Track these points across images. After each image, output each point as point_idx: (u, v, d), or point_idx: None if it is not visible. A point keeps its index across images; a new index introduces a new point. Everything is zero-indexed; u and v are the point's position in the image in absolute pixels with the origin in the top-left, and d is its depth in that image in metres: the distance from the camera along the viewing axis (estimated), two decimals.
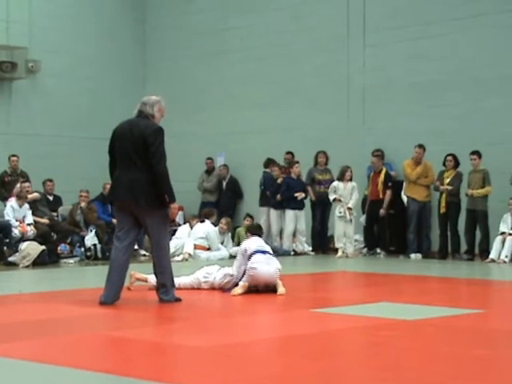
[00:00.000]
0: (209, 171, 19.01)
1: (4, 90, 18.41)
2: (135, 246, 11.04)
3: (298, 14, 18.21)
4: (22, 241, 13.97)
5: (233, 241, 16.15)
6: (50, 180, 16.62)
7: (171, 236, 14.49)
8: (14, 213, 14.35)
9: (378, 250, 15.96)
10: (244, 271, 9.20)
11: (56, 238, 14.89)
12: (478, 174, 14.83)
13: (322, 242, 16.59)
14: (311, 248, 16.56)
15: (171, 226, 14.51)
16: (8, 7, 18.34)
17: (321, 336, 6.64)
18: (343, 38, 17.46)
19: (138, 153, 8.05)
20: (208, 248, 14.93)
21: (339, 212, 15.62)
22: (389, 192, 15.85)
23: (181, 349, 6.02)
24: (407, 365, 5.38)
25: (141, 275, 9.48)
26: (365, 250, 16.18)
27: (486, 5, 15.72)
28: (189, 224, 15.61)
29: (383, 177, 15.88)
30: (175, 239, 14.90)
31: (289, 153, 17.35)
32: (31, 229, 14.36)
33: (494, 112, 15.45)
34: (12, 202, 14.48)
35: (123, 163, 8.17)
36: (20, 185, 15.16)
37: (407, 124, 16.39)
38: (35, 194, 15.68)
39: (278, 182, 16.41)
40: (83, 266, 14.15)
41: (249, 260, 9.15)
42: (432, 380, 4.94)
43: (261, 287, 9.22)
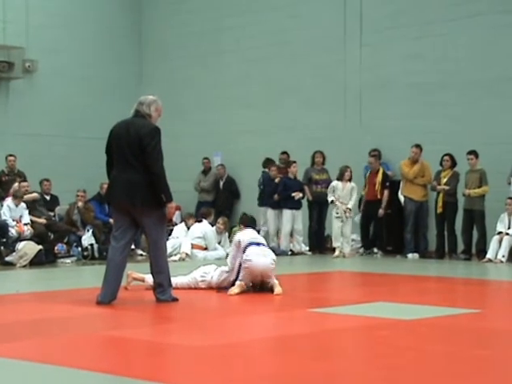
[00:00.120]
0: (205, 171, 19.01)
1: (1, 90, 18.40)
2: (132, 246, 11.04)
3: (295, 14, 18.22)
4: (19, 240, 13.96)
5: (230, 241, 16.13)
6: (47, 180, 16.63)
7: (168, 236, 14.50)
8: (11, 212, 14.34)
9: (375, 250, 15.98)
10: (239, 265, 9.19)
11: (53, 238, 14.88)
12: (475, 174, 14.84)
13: (319, 242, 16.61)
14: (308, 248, 16.58)
15: (168, 226, 14.51)
16: (4, 7, 18.33)
17: (318, 336, 6.64)
18: (340, 38, 17.47)
19: (135, 153, 8.04)
20: (205, 248, 14.95)
21: (336, 212, 15.62)
22: (386, 192, 15.87)
23: (178, 348, 6.02)
24: (404, 364, 5.38)
25: (138, 275, 9.48)
26: (361, 250, 16.21)
27: (483, 5, 15.74)
28: (184, 223, 15.61)
29: (381, 177, 15.88)
30: (172, 239, 14.91)
31: (284, 153, 17.35)
32: (28, 228, 14.35)
33: (491, 112, 15.47)
34: (8, 202, 14.47)
35: (120, 163, 8.15)
36: (18, 184, 15.15)
37: (404, 124, 16.40)
38: (34, 194, 15.67)
39: (276, 182, 16.44)
40: (80, 266, 14.14)
41: (243, 253, 9.15)
42: (429, 380, 4.94)
43: (258, 280, 9.22)
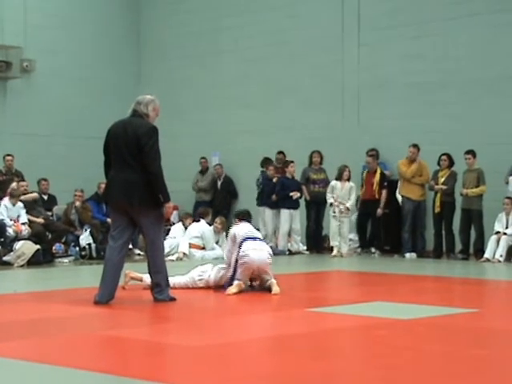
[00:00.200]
0: (203, 171, 19.01)
1: None
2: (130, 246, 11.03)
3: (293, 14, 18.22)
4: (17, 240, 13.95)
5: (227, 240, 16.13)
6: (45, 179, 16.61)
7: (165, 235, 14.49)
8: (8, 212, 14.31)
9: (373, 250, 15.98)
10: (236, 261, 9.19)
11: (51, 238, 14.86)
12: (473, 174, 14.85)
13: (317, 242, 16.60)
14: (306, 247, 16.57)
15: (166, 226, 14.51)
16: (2, 6, 18.32)
17: (316, 335, 6.65)
18: (338, 38, 17.46)
19: (133, 152, 8.03)
20: (203, 247, 14.94)
21: (333, 212, 15.62)
22: (385, 192, 15.88)
23: (176, 348, 6.01)
24: (402, 364, 5.38)
25: (136, 274, 9.47)
26: (359, 249, 16.20)
27: (482, 4, 15.74)
28: (182, 223, 15.61)
29: (379, 177, 15.89)
30: (169, 239, 14.91)
31: (280, 152, 17.35)
32: (26, 228, 14.32)
33: (489, 111, 15.47)
34: (5, 202, 14.44)
35: (118, 163, 8.15)
36: (17, 184, 15.14)
37: (402, 123, 16.40)
38: (34, 194, 15.69)
39: (274, 182, 16.44)
40: (78, 266, 14.13)
41: (239, 248, 9.16)
42: (427, 379, 4.94)
43: (255, 275, 9.22)
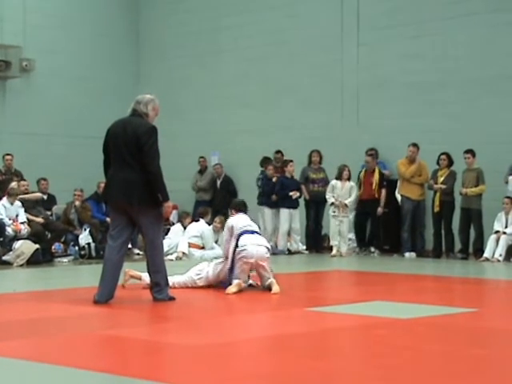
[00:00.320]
0: (202, 170, 19.01)
1: None
2: (129, 245, 11.03)
3: (292, 13, 18.21)
4: (16, 239, 13.94)
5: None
6: (44, 179, 16.62)
7: (164, 235, 14.49)
8: (6, 211, 14.28)
9: (372, 249, 15.99)
10: (234, 252, 9.20)
11: (50, 237, 14.86)
12: (472, 173, 14.85)
13: (316, 241, 16.60)
14: (305, 247, 16.57)
15: (165, 225, 14.49)
16: (2, 6, 18.32)
17: (315, 335, 6.64)
18: (337, 38, 17.46)
19: (132, 152, 8.03)
20: (202, 247, 14.94)
21: (333, 211, 15.61)
22: (384, 191, 15.89)
23: (175, 347, 6.01)
24: (401, 364, 5.37)
25: (135, 273, 9.47)
26: (358, 249, 16.20)
27: (480, 3, 15.75)
28: (180, 222, 15.60)
29: (378, 176, 15.89)
30: (168, 239, 14.89)
31: (278, 152, 17.35)
32: (25, 227, 14.30)
33: (488, 111, 15.47)
34: (3, 201, 14.41)
35: (117, 162, 8.15)
36: (18, 183, 15.13)
37: (401, 123, 16.40)
38: (38, 194, 15.69)
39: (273, 181, 16.43)
40: (77, 265, 14.13)
41: (237, 241, 9.19)
42: (426, 379, 4.94)
43: (253, 268, 9.22)
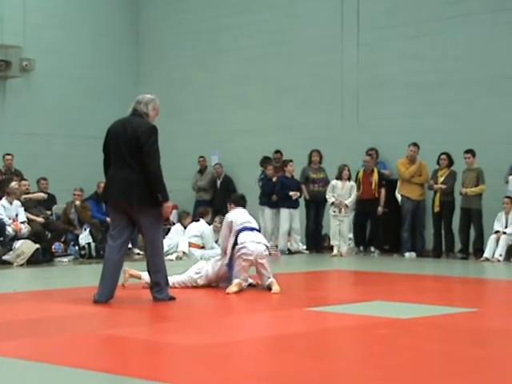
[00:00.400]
0: (201, 170, 19.00)
1: None
2: (129, 245, 11.02)
3: (293, 13, 18.21)
4: (16, 239, 13.93)
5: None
6: (44, 179, 16.62)
7: (164, 235, 14.48)
8: (6, 211, 14.25)
9: (372, 249, 15.99)
10: (233, 247, 9.21)
11: (50, 237, 14.85)
12: (472, 173, 14.84)
13: (317, 241, 16.59)
14: (305, 247, 16.56)
15: (165, 225, 14.49)
16: (2, 6, 18.32)
17: (315, 335, 6.64)
18: (337, 37, 17.46)
19: (132, 152, 8.03)
20: (202, 246, 14.94)
21: (333, 211, 15.61)
22: (383, 190, 15.90)
23: (175, 347, 6.01)
24: (401, 363, 5.37)
25: (135, 272, 9.47)
26: (358, 249, 16.20)
27: (479, 3, 15.74)
28: (181, 223, 15.60)
29: (377, 176, 15.91)
30: (168, 239, 14.89)
31: (277, 151, 17.35)
32: (25, 226, 14.29)
33: (488, 111, 15.47)
34: (2, 201, 14.38)
35: (117, 162, 8.14)
36: (19, 183, 15.12)
37: (401, 123, 16.40)
38: (41, 194, 15.67)
39: (273, 181, 16.42)
40: (77, 265, 14.12)
41: (236, 238, 9.21)
42: (426, 379, 4.94)
43: (253, 264, 9.24)
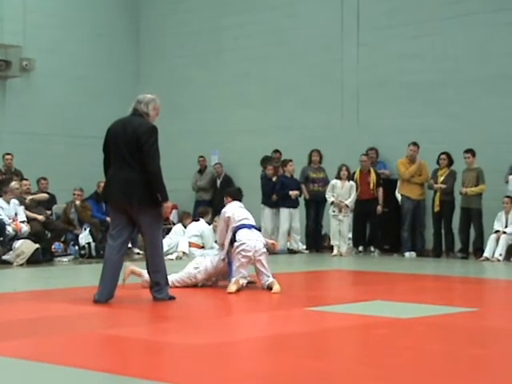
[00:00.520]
0: (201, 170, 18.99)
1: None
2: (129, 245, 11.02)
3: (293, 13, 18.21)
4: (16, 239, 13.93)
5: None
6: (44, 178, 16.62)
7: (165, 235, 14.48)
8: (4, 211, 14.22)
9: (372, 249, 16.00)
10: (231, 245, 9.23)
11: (50, 237, 14.85)
12: (472, 173, 14.84)
13: (316, 241, 16.59)
14: (305, 246, 16.56)
15: (165, 225, 14.49)
16: (2, 6, 18.32)
17: (315, 334, 6.64)
18: (337, 37, 17.46)
19: (132, 151, 8.03)
20: (202, 246, 14.94)
21: (333, 211, 15.62)
22: (381, 190, 15.94)
23: (175, 347, 6.01)
24: (401, 363, 5.37)
25: (136, 269, 9.43)
26: (360, 248, 16.20)
27: (479, 3, 15.75)
28: (181, 223, 15.59)
29: (375, 175, 15.95)
30: (168, 238, 14.89)
31: (276, 151, 17.35)
32: (25, 225, 14.26)
33: (488, 110, 15.48)
34: (0, 200, 14.36)
35: (117, 162, 8.14)
36: (19, 183, 15.11)
37: (401, 123, 16.40)
38: (45, 195, 15.66)
39: (273, 181, 16.41)
40: (77, 265, 14.12)
41: (234, 235, 9.22)
42: (426, 379, 4.93)
43: (252, 261, 9.23)
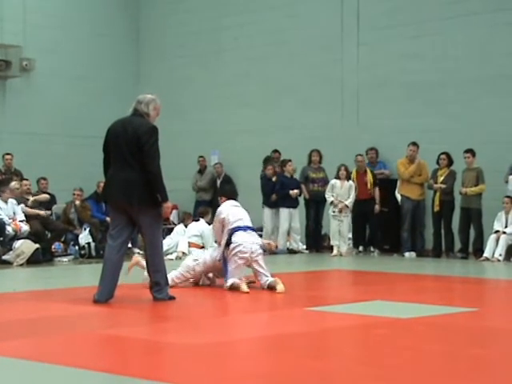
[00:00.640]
0: (201, 170, 18.99)
1: None
2: (129, 245, 11.02)
3: (293, 13, 18.21)
4: (16, 239, 13.92)
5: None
6: (44, 178, 16.61)
7: (166, 235, 14.48)
8: (3, 211, 14.20)
9: (372, 249, 16.01)
10: (226, 247, 9.24)
11: (50, 237, 14.85)
12: (472, 173, 14.84)
13: (316, 241, 16.59)
14: (305, 246, 16.56)
15: (165, 225, 14.49)
16: (2, 6, 18.32)
17: (315, 334, 6.64)
18: (337, 37, 17.46)
19: (132, 151, 8.03)
20: (202, 246, 14.92)
21: (333, 211, 15.62)
22: (377, 189, 15.99)
23: (175, 347, 6.01)
24: (401, 363, 5.37)
25: (143, 263, 9.32)
26: (360, 248, 16.21)
27: (479, 3, 15.75)
28: (183, 223, 15.59)
29: (371, 175, 15.99)
30: (169, 239, 14.89)
31: (276, 151, 17.35)
32: (25, 224, 14.25)
33: (488, 110, 15.48)
34: None
35: (117, 161, 8.14)
36: (20, 183, 15.11)
37: (401, 123, 16.40)
38: (46, 196, 15.67)
39: (273, 181, 16.40)
40: (77, 265, 14.12)
41: (230, 237, 9.22)
42: (426, 379, 4.94)
43: (248, 262, 9.25)
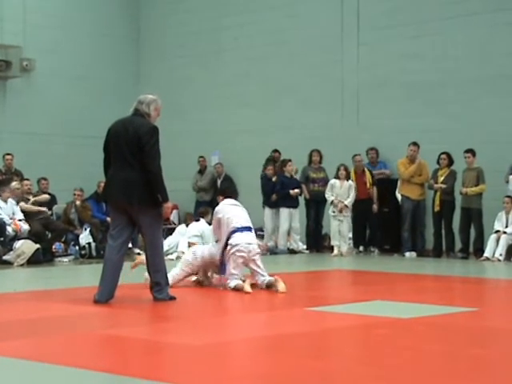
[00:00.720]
0: (201, 170, 18.98)
1: None
2: (129, 245, 11.02)
3: (293, 13, 18.21)
4: (17, 239, 13.93)
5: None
6: (45, 178, 16.61)
7: (166, 235, 14.47)
8: (3, 210, 14.21)
9: (372, 249, 16.01)
10: (225, 247, 9.24)
11: (50, 237, 14.85)
12: (473, 172, 14.85)
13: (317, 241, 16.59)
14: (306, 246, 16.56)
15: (165, 225, 14.48)
16: (2, 6, 18.31)
17: (315, 334, 6.64)
18: (337, 37, 17.46)
19: (133, 151, 8.03)
20: None
21: (333, 211, 15.62)
22: (375, 189, 16.05)
23: (175, 347, 6.01)
24: (401, 363, 5.37)
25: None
26: (360, 248, 16.21)
27: (479, 3, 15.75)
28: (185, 224, 15.59)
29: (370, 175, 16.03)
30: (169, 238, 14.88)
31: (276, 151, 17.36)
32: (24, 223, 14.24)
33: (488, 110, 15.48)
34: None
35: (117, 162, 8.14)
36: (20, 183, 15.11)
37: (401, 123, 16.40)
38: (47, 196, 15.67)
39: (273, 181, 16.40)
40: (78, 265, 14.12)
41: (227, 239, 9.23)
42: (426, 379, 4.93)
43: (246, 261, 9.26)
